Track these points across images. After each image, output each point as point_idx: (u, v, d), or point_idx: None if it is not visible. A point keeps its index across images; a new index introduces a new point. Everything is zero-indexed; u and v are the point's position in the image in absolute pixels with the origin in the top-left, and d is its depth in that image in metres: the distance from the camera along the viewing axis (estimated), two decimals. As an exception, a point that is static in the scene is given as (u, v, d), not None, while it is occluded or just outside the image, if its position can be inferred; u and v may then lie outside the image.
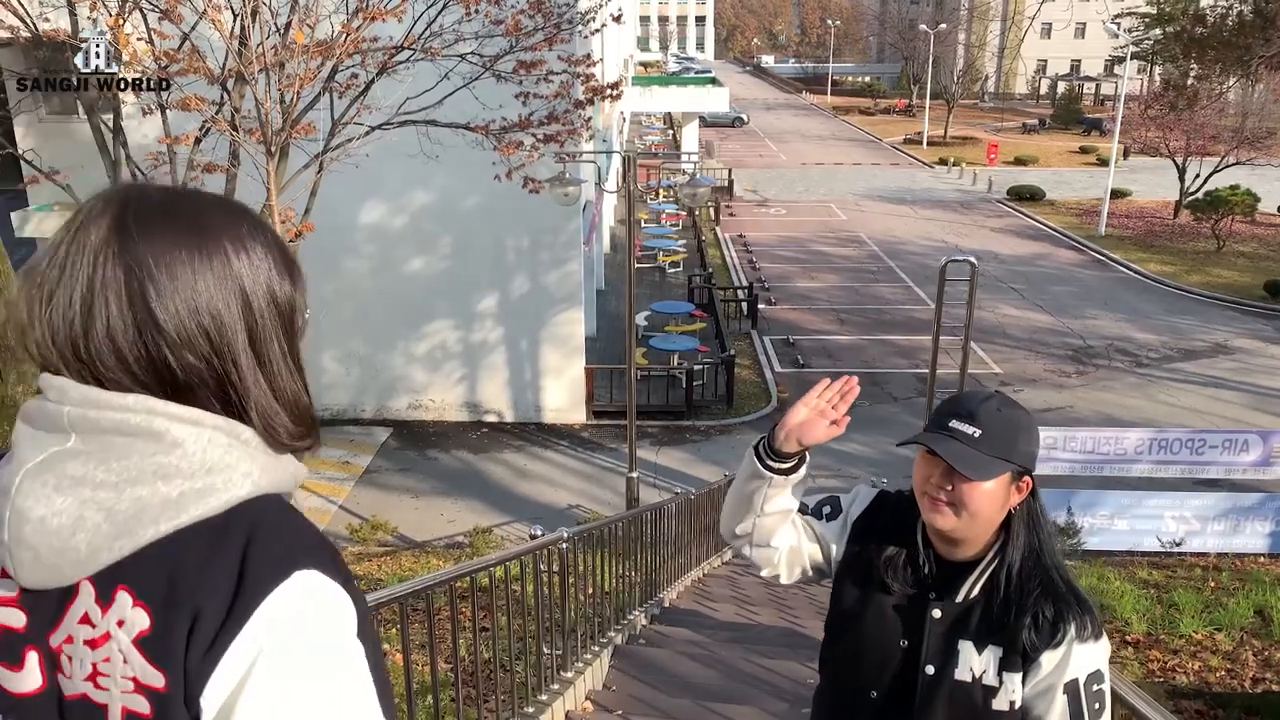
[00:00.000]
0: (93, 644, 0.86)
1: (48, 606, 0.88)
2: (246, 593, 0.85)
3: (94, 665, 0.86)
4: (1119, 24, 40.66)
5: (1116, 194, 34.12)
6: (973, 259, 11.04)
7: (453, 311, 16.41)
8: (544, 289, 16.26)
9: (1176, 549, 11.44)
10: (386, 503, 13.82)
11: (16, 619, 0.88)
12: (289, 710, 0.84)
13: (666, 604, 7.66)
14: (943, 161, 47.28)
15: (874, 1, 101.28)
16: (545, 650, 4.92)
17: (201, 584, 0.85)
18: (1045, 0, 58.67)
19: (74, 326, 0.88)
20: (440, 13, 8.94)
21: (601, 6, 11.40)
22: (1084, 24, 67.01)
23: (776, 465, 1.90)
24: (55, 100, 14.57)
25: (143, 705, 0.85)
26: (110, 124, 10.81)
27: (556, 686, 4.98)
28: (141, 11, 9.49)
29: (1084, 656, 1.78)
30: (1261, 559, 10.98)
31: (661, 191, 34.58)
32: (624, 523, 6.58)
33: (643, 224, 29.52)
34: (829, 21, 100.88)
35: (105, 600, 0.86)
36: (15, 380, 7.56)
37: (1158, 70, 57.66)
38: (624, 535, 6.39)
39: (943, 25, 62.06)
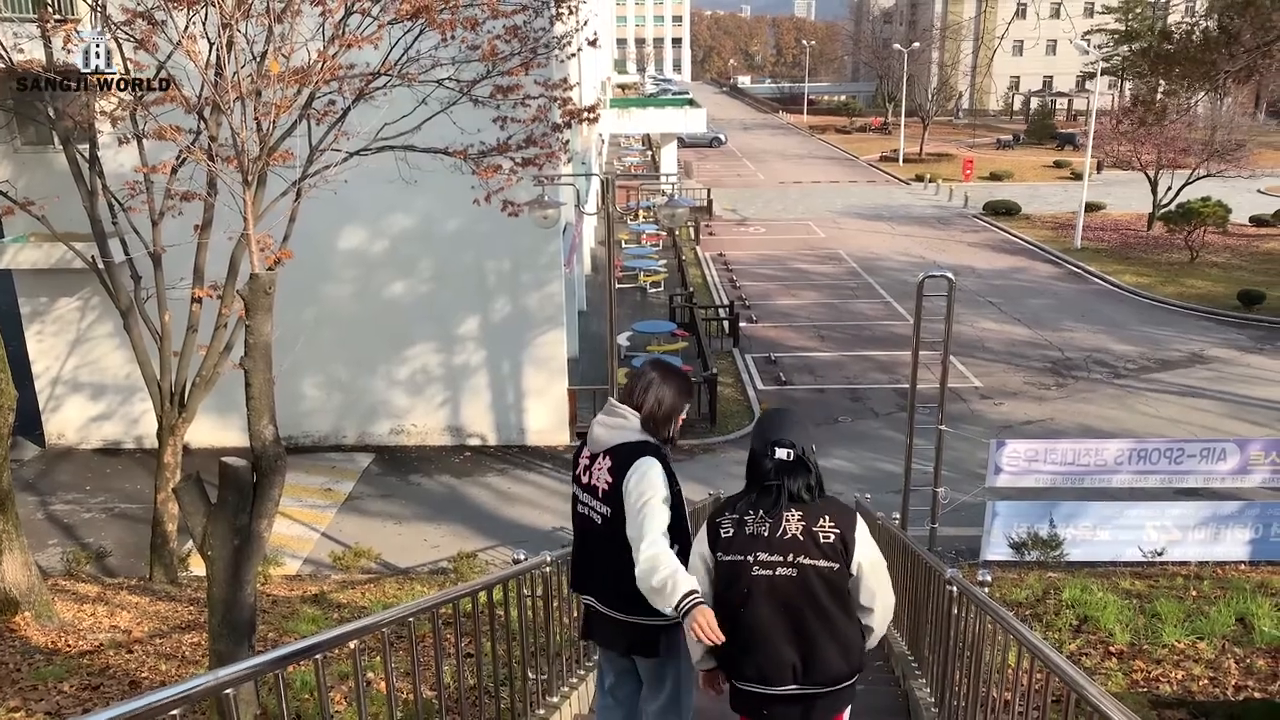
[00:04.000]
0: (598, 470, 3.63)
1: (589, 460, 3.71)
2: (649, 453, 3.55)
3: (594, 473, 3.64)
4: (1089, 40, 41.31)
5: (1091, 207, 34.53)
6: (950, 274, 11.10)
7: (434, 335, 16.36)
8: (525, 311, 16.25)
9: (1158, 558, 11.52)
10: (369, 529, 13.72)
11: (586, 463, 3.72)
12: (642, 479, 3.50)
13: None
14: (919, 178, 47.72)
15: (848, 22, 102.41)
16: (530, 675, 4.90)
17: (634, 455, 3.54)
18: (1015, 19, 59.57)
19: (635, 395, 3.65)
20: (417, 39, 8.98)
21: (577, 31, 11.48)
22: (1054, 41, 68.01)
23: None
24: (31, 130, 14.47)
25: (607, 484, 3.59)
26: (86, 154, 10.77)
27: (542, 712, 4.97)
28: (117, 41, 9.50)
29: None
30: (1242, 566, 11.06)
31: (641, 212, 34.73)
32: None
33: (623, 245, 29.63)
34: (804, 42, 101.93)
35: (603, 457, 3.62)
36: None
37: (1128, 85, 58.54)
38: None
39: (916, 44, 62.85)
